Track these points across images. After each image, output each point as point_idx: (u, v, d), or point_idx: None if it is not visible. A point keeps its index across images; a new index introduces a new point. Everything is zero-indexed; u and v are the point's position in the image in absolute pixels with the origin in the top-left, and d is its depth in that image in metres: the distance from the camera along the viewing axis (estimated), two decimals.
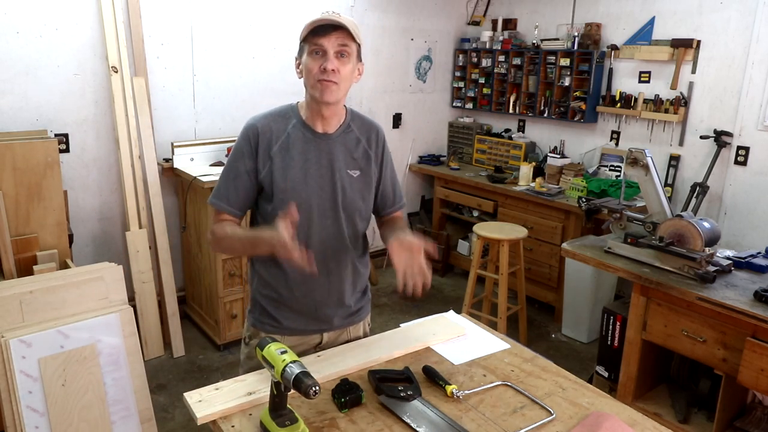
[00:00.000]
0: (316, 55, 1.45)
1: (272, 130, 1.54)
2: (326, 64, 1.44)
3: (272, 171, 1.52)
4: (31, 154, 2.62)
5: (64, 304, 2.29)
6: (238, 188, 1.55)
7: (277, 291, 1.61)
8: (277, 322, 1.62)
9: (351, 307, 1.68)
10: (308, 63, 1.46)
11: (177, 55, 3.52)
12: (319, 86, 1.46)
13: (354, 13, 4.26)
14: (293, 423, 1.22)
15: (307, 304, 1.61)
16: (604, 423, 1.29)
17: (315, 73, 1.45)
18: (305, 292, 1.59)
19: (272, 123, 1.55)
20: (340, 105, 1.56)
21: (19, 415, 2.12)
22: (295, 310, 1.62)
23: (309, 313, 1.62)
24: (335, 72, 1.44)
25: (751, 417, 2.44)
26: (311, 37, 1.45)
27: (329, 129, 1.57)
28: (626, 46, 3.97)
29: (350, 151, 1.59)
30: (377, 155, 1.64)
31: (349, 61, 1.48)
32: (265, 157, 1.53)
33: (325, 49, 1.44)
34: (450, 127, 5.09)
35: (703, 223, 2.35)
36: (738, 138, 3.49)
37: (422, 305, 4.17)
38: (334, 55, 1.45)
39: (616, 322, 2.77)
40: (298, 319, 1.62)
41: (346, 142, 1.59)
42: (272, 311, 1.63)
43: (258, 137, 1.53)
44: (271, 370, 1.22)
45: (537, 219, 3.95)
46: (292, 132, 1.54)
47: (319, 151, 1.55)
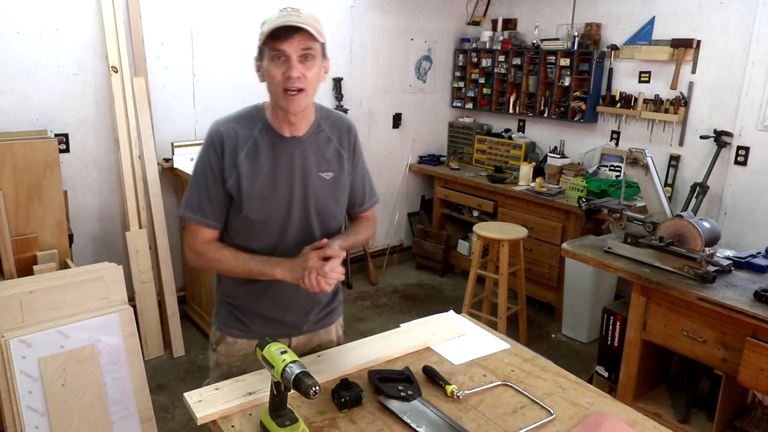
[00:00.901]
0: (278, 61, 1.36)
1: (238, 136, 1.44)
2: (290, 72, 1.35)
3: (239, 180, 1.44)
4: (31, 154, 2.62)
5: (64, 304, 2.29)
6: (212, 199, 1.46)
7: (244, 296, 1.56)
8: (245, 326, 1.57)
9: (321, 312, 1.64)
10: (270, 70, 1.37)
11: (177, 55, 3.52)
12: (284, 97, 1.38)
13: (354, 13, 4.26)
14: (293, 423, 1.22)
15: (275, 310, 1.56)
16: (604, 423, 1.29)
17: (279, 81, 1.36)
18: (274, 299, 1.54)
19: (237, 128, 1.45)
20: (310, 108, 1.48)
21: (19, 415, 2.12)
22: (263, 315, 1.56)
23: (277, 318, 1.57)
24: (300, 78, 1.36)
25: (751, 417, 2.44)
26: (271, 41, 1.35)
27: (298, 132, 1.48)
28: (626, 46, 3.97)
29: (321, 152, 1.51)
30: (349, 153, 1.57)
31: (314, 64, 1.39)
32: (232, 165, 1.44)
33: (288, 54, 1.35)
34: (450, 127, 5.09)
35: (703, 223, 2.35)
36: (738, 138, 3.49)
37: (422, 305, 4.17)
38: (297, 60, 1.35)
39: (616, 322, 2.77)
40: (266, 323, 1.57)
41: (317, 143, 1.51)
42: (240, 315, 1.57)
43: (223, 143, 1.44)
44: (271, 370, 1.21)
45: (537, 219, 3.95)
46: (259, 137, 1.45)
47: (289, 156, 1.47)
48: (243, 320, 1.57)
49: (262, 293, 1.53)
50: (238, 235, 1.51)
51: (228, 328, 1.58)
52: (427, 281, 4.64)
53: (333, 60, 4.25)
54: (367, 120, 4.56)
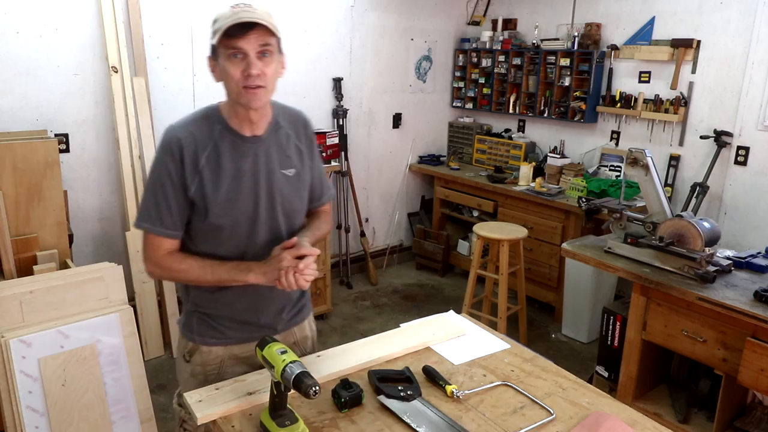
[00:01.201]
0: (236, 59, 1.32)
1: (196, 140, 1.39)
2: (250, 70, 1.31)
3: (203, 185, 1.39)
4: (31, 154, 2.62)
5: (64, 304, 2.29)
6: (171, 207, 1.40)
7: (216, 303, 1.50)
8: (220, 333, 1.52)
9: (293, 309, 1.62)
10: (228, 69, 1.33)
11: (177, 55, 3.52)
12: (245, 94, 1.34)
13: (354, 13, 4.26)
14: (293, 423, 1.22)
15: (249, 314, 1.52)
16: (604, 423, 1.29)
17: (238, 80, 1.32)
18: (247, 303, 1.51)
19: (195, 131, 1.40)
20: (268, 106, 1.46)
21: (19, 415, 2.12)
22: (237, 320, 1.52)
23: (252, 321, 1.53)
24: (260, 75, 1.32)
25: (751, 417, 2.44)
26: (226, 39, 1.30)
27: (258, 131, 1.44)
28: (626, 46, 3.97)
29: (282, 149, 1.48)
30: (307, 148, 1.55)
31: (272, 60, 1.35)
32: (193, 171, 1.38)
33: (246, 51, 1.31)
34: (450, 127, 5.09)
35: (703, 223, 2.35)
36: (738, 138, 3.49)
37: (422, 305, 4.17)
38: (255, 57, 1.32)
39: (616, 322, 2.77)
40: (241, 327, 1.53)
41: (278, 140, 1.48)
42: (213, 323, 1.52)
43: (182, 149, 1.38)
44: (271, 371, 1.22)
45: (537, 219, 3.95)
46: (219, 139, 1.41)
47: (251, 156, 1.43)
48: (217, 327, 1.52)
49: (234, 298, 1.49)
50: (204, 243, 1.46)
51: (202, 338, 1.52)
52: (427, 281, 4.64)
53: (333, 60, 4.33)
54: (367, 120, 4.56)
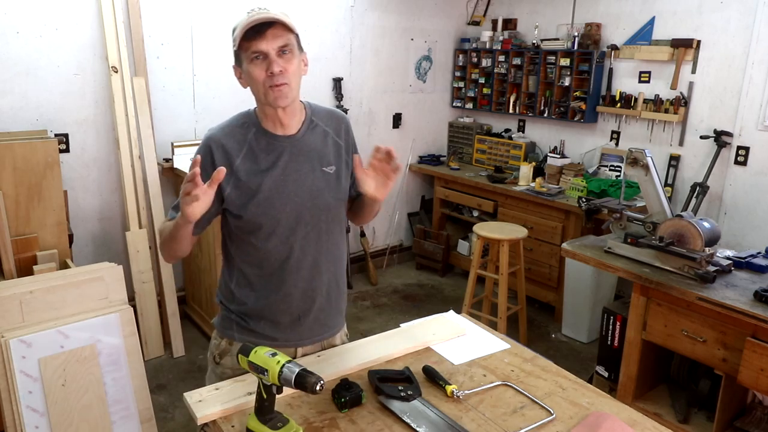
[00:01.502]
0: (258, 60, 1.35)
1: (231, 142, 1.43)
2: (272, 68, 1.33)
3: (239, 185, 1.42)
4: (31, 154, 2.62)
5: (64, 304, 2.29)
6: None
7: (257, 303, 1.52)
8: (258, 335, 1.52)
9: (330, 317, 1.61)
10: (252, 71, 1.36)
11: (177, 55, 3.52)
12: (271, 93, 1.36)
13: (354, 13, 4.27)
14: (286, 424, 1.22)
15: (288, 315, 1.53)
16: (604, 423, 1.29)
17: (263, 80, 1.35)
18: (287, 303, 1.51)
19: (230, 134, 1.44)
20: (297, 103, 1.47)
21: (19, 415, 2.12)
22: (275, 322, 1.53)
23: (287, 323, 1.53)
24: (283, 73, 1.35)
25: (751, 417, 2.44)
26: (245, 43, 1.34)
27: (291, 130, 1.47)
28: (626, 46, 3.97)
29: (320, 147, 1.50)
30: (347, 144, 1.56)
31: (294, 56, 1.38)
32: (229, 173, 1.40)
33: (266, 51, 1.33)
34: (450, 127, 5.09)
35: (703, 223, 2.35)
36: (738, 138, 3.49)
37: (422, 305, 4.17)
38: (276, 55, 1.34)
39: (616, 322, 2.77)
40: (276, 329, 1.53)
41: (314, 138, 1.49)
42: (249, 323, 1.53)
43: (213, 154, 1.42)
44: (262, 375, 1.19)
45: (537, 219, 3.95)
46: (253, 141, 1.44)
47: (287, 155, 1.45)
48: (254, 329, 1.53)
49: (276, 301, 1.51)
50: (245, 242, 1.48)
51: (241, 337, 1.53)
52: (427, 281, 4.64)
53: (333, 60, 4.33)
54: (367, 120, 4.56)
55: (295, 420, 1.27)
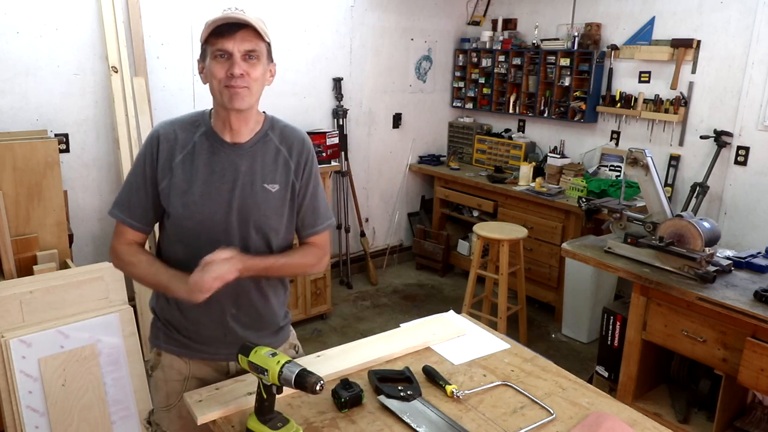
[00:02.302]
0: (221, 59, 1.31)
1: (177, 139, 1.39)
2: (233, 69, 1.30)
3: (172, 183, 1.37)
4: (31, 154, 2.62)
5: (64, 304, 2.29)
6: (141, 200, 1.41)
7: (181, 312, 1.45)
8: (184, 346, 1.47)
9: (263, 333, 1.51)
10: (213, 68, 1.32)
11: (177, 55, 3.52)
12: (227, 92, 1.32)
13: (354, 13, 4.26)
14: (286, 424, 1.22)
15: (213, 328, 1.45)
16: (604, 423, 1.29)
17: (221, 79, 1.32)
18: (211, 315, 1.43)
19: (178, 130, 1.41)
20: (253, 111, 1.42)
21: (19, 415, 2.12)
22: (201, 335, 1.46)
23: (213, 338, 1.46)
24: (244, 76, 1.31)
25: (751, 417, 2.44)
26: (213, 38, 1.31)
27: (240, 138, 1.41)
28: (626, 46, 3.97)
29: (267, 162, 1.42)
30: (299, 166, 1.46)
31: (259, 63, 1.34)
32: (167, 168, 1.38)
33: (231, 51, 1.30)
34: (450, 127, 5.09)
35: (703, 223, 2.35)
36: (738, 138, 3.49)
37: (422, 305, 4.17)
38: (241, 58, 1.31)
39: (616, 322, 2.77)
40: (206, 343, 1.46)
41: (263, 152, 1.42)
42: (176, 334, 1.46)
43: (159, 145, 1.39)
44: (262, 375, 1.19)
45: (537, 219, 3.95)
46: (199, 141, 1.39)
47: (229, 163, 1.39)
48: (182, 341, 1.47)
49: (199, 312, 1.42)
50: (173, 245, 1.43)
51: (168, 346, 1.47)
52: (427, 281, 4.64)
53: (333, 60, 4.33)
54: (367, 120, 4.56)
55: (295, 420, 1.27)
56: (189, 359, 1.48)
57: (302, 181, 1.48)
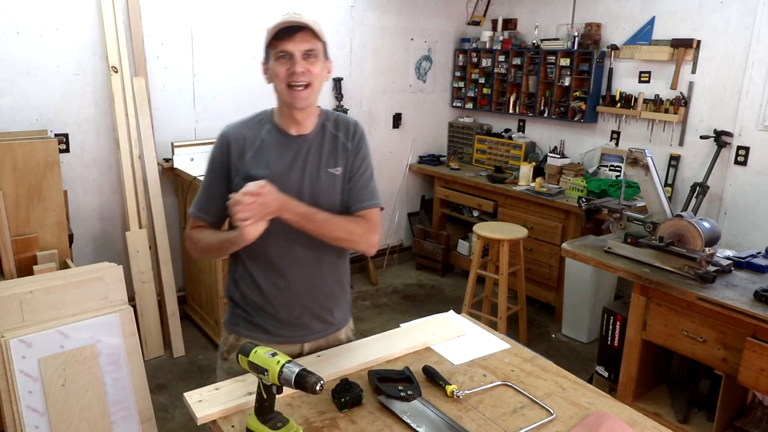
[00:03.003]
0: (283, 59, 1.44)
1: (245, 138, 1.52)
2: (294, 68, 1.43)
3: (247, 178, 1.46)
4: (31, 154, 2.62)
5: (64, 304, 2.29)
6: (215, 197, 1.53)
7: (259, 299, 1.56)
8: (263, 330, 1.57)
9: (333, 313, 1.63)
10: (276, 68, 1.46)
11: (177, 55, 3.52)
12: (290, 93, 1.45)
13: (354, 13, 4.26)
14: (286, 424, 1.22)
15: (289, 312, 1.56)
16: (604, 423, 1.29)
17: (283, 78, 1.45)
18: (288, 298, 1.55)
19: (245, 131, 1.53)
20: (314, 106, 1.55)
21: (19, 415, 2.12)
22: (278, 319, 1.57)
23: (291, 320, 1.57)
24: (305, 73, 1.44)
25: (751, 417, 2.44)
26: (275, 41, 1.44)
27: (304, 131, 1.54)
28: (626, 46, 3.97)
29: (329, 148, 1.56)
30: (354, 146, 1.59)
31: (317, 61, 1.47)
32: (239, 165, 1.50)
33: (291, 52, 1.43)
34: (450, 127, 5.09)
35: (703, 223, 2.35)
36: (738, 138, 3.49)
37: (422, 305, 4.17)
38: (300, 57, 1.44)
39: (616, 322, 2.77)
40: (282, 327, 1.57)
41: (324, 140, 1.56)
42: (257, 319, 1.57)
43: (230, 145, 1.51)
44: (262, 375, 1.19)
45: (537, 219, 3.95)
46: (266, 137, 1.52)
47: (296, 154, 1.52)
48: (261, 324, 1.57)
49: (278, 296, 1.55)
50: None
51: (248, 333, 1.57)
52: (427, 281, 4.64)
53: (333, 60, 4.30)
54: (367, 120, 4.56)
55: (295, 420, 1.27)
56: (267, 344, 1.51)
57: (359, 158, 1.59)
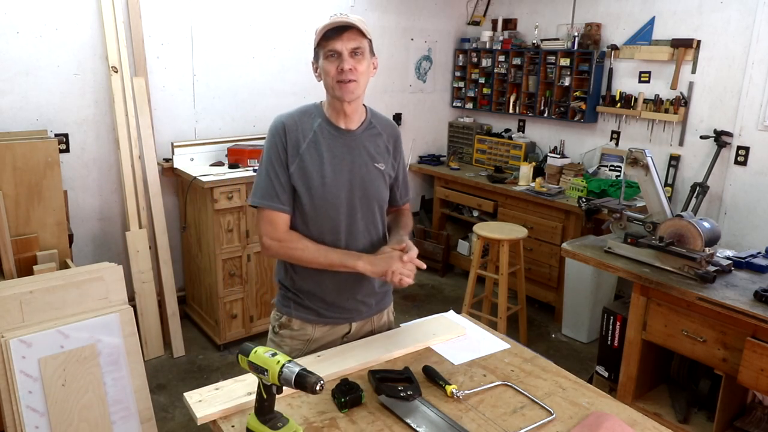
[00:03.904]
0: (332, 58, 1.52)
1: (299, 128, 1.58)
2: (343, 65, 1.50)
3: (304, 167, 1.56)
4: (31, 154, 2.62)
5: (64, 304, 2.29)
6: (283, 185, 1.57)
7: (311, 282, 1.64)
8: (312, 312, 1.66)
9: (377, 297, 1.74)
10: (325, 66, 1.53)
11: (177, 55, 3.52)
12: (339, 87, 1.52)
13: (354, 13, 4.26)
14: (286, 424, 1.22)
15: (340, 294, 1.65)
16: (604, 423, 1.29)
17: (333, 75, 1.52)
18: (338, 286, 1.64)
19: (299, 121, 1.59)
20: (360, 101, 1.62)
21: (19, 415, 2.12)
22: (327, 302, 1.65)
23: (341, 302, 1.66)
24: (352, 71, 1.51)
25: (751, 417, 2.44)
26: (324, 41, 1.52)
27: (352, 126, 1.62)
28: (626, 46, 3.97)
29: (375, 145, 1.66)
30: (395, 149, 1.72)
31: (364, 58, 1.54)
32: (294, 154, 1.56)
33: (339, 50, 1.50)
34: (450, 127, 5.09)
35: (703, 223, 2.35)
36: (738, 138, 3.49)
37: (422, 305, 4.17)
38: (348, 55, 1.51)
39: (616, 322, 2.77)
40: (331, 309, 1.66)
41: (371, 137, 1.65)
42: (306, 301, 1.65)
43: (286, 135, 1.57)
44: (262, 375, 1.19)
45: (537, 219, 3.95)
46: (318, 130, 1.59)
47: (346, 147, 1.60)
48: (310, 306, 1.65)
49: (329, 281, 1.63)
50: (304, 225, 1.60)
51: (298, 313, 1.66)
52: (427, 281, 4.64)
53: None
54: None
55: (295, 420, 1.27)
56: (315, 325, 1.67)
57: (398, 159, 1.74)
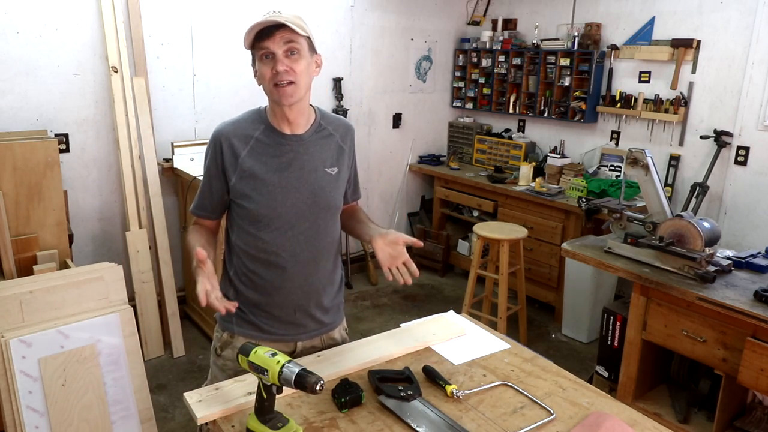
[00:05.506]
0: (267, 59, 1.43)
1: (238, 136, 1.51)
2: (277, 67, 1.41)
3: (244, 178, 1.50)
4: (31, 154, 2.62)
5: (64, 304, 2.29)
6: (213, 195, 1.57)
7: (255, 295, 1.57)
8: (257, 327, 1.58)
9: (327, 312, 1.66)
10: (261, 69, 1.45)
11: (177, 55, 3.52)
12: (276, 91, 1.44)
13: (354, 13, 4.26)
14: (286, 424, 1.22)
15: (284, 310, 1.58)
16: (604, 423, 1.29)
17: (269, 78, 1.43)
18: (284, 296, 1.57)
19: (239, 129, 1.53)
20: (305, 103, 1.53)
21: (19, 415, 2.12)
22: (273, 316, 1.58)
23: (287, 317, 1.59)
24: (288, 71, 1.42)
25: (751, 417, 2.44)
26: (257, 42, 1.43)
27: (299, 130, 1.54)
28: (626, 46, 3.97)
29: (326, 149, 1.58)
30: (349, 149, 1.65)
31: (301, 57, 1.44)
32: (233, 164, 1.50)
33: (273, 51, 1.42)
34: (450, 127, 5.09)
35: (703, 223, 2.35)
36: (738, 138, 3.49)
37: (422, 305, 4.17)
38: (283, 55, 1.42)
39: (616, 322, 2.77)
40: (276, 325, 1.59)
41: (320, 139, 1.57)
42: (250, 316, 1.58)
43: (222, 145, 1.51)
44: (262, 375, 1.19)
45: (537, 219, 3.95)
46: (261, 137, 1.52)
47: (292, 153, 1.52)
48: (254, 322, 1.59)
49: (273, 294, 1.56)
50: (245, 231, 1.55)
51: (241, 329, 1.59)
52: (427, 281, 4.64)
53: (333, 60, 4.32)
54: (367, 120, 4.56)
55: (295, 420, 1.27)
56: (259, 341, 1.56)
57: (351, 160, 1.68)
